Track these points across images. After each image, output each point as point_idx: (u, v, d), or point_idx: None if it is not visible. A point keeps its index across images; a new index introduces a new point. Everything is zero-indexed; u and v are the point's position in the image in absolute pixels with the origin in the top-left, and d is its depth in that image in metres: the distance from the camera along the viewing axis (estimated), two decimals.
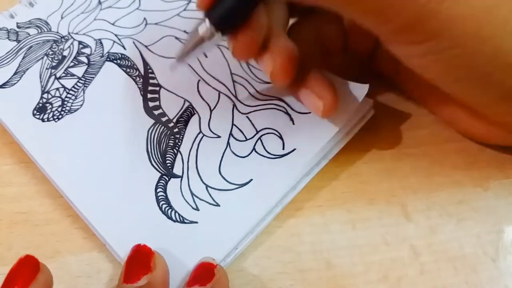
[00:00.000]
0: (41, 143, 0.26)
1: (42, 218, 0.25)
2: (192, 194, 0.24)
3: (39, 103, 0.27)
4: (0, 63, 0.28)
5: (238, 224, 0.23)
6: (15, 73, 0.28)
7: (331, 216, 0.25)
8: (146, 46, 0.29)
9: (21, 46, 0.29)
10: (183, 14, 0.31)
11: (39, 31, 0.30)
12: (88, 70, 0.28)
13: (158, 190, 0.24)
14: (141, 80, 0.28)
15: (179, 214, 0.24)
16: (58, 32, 0.30)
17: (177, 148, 0.26)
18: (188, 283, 0.21)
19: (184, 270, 0.22)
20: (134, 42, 0.30)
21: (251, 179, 0.24)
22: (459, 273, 0.23)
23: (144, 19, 0.31)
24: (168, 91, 0.28)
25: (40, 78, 0.28)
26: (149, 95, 0.27)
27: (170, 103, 0.27)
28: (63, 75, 0.28)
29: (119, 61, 0.29)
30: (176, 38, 0.30)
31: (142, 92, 0.28)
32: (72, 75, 0.28)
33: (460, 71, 0.20)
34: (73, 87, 0.28)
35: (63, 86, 0.28)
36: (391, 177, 0.26)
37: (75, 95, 0.27)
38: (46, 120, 0.26)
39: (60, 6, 0.31)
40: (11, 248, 0.24)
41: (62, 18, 0.30)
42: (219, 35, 0.21)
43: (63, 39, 0.30)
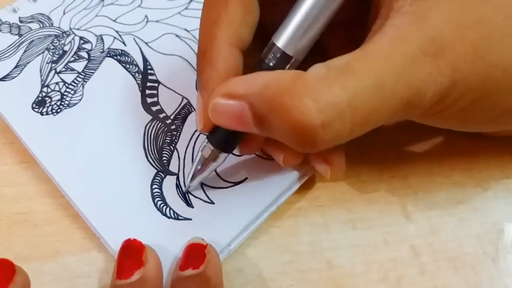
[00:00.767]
0: (39, 136, 0.26)
1: (42, 218, 0.25)
2: (187, 191, 0.24)
3: (38, 96, 0.27)
4: (2, 56, 0.29)
5: (231, 221, 0.23)
6: (16, 66, 0.28)
7: (331, 216, 0.25)
8: (147, 43, 0.30)
9: (22, 40, 0.29)
10: (184, 12, 0.31)
11: (41, 25, 0.30)
12: (88, 65, 0.28)
13: (154, 187, 0.24)
14: (140, 76, 0.28)
15: (173, 211, 0.24)
16: (59, 27, 0.30)
17: (173, 145, 0.26)
18: (181, 267, 0.21)
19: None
20: (134, 39, 0.30)
21: (246, 178, 0.25)
22: (459, 273, 0.23)
23: (145, 16, 0.31)
24: (167, 87, 0.28)
25: (40, 72, 0.28)
26: (147, 91, 0.28)
27: (168, 100, 0.27)
28: (63, 69, 0.28)
29: (119, 57, 0.29)
30: (177, 36, 0.30)
31: (140, 88, 0.28)
32: (72, 69, 0.28)
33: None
34: (72, 81, 0.28)
35: (63, 81, 0.28)
36: (391, 177, 0.26)
37: (75, 89, 0.27)
38: (45, 113, 0.27)
39: (63, 1, 0.31)
40: (11, 248, 0.24)
41: (64, 14, 0.31)
42: (222, 156, 0.22)
43: (64, 34, 0.30)
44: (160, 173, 0.25)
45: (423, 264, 0.23)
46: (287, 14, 0.20)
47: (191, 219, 0.24)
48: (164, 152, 0.25)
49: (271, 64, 0.20)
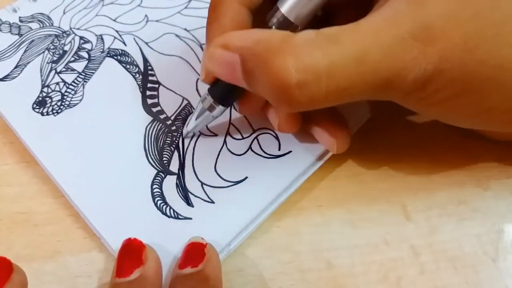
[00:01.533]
0: (39, 136, 0.26)
1: (42, 218, 0.25)
2: (187, 191, 0.24)
3: (39, 96, 0.27)
4: (2, 56, 0.29)
5: (231, 221, 0.23)
6: (16, 66, 0.28)
7: (331, 216, 0.25)
8: (147, 43, 0.30)
9: (23, 40, 0.29)
10: (184, 12, 0.31)
11: (41, 25, 0.30)
12: (88, 65, 0.28)
13: (154, 187, 0.24)
14: (140, 77, 0.28)
15: (174, 210, 0.24)
16: (60, 27, 0.30)
17: (174, 145, 0.26)
18: (180, 265, 0.21)
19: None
20: (134, 39, 0.30)
21: (246, 177, 0.25)
22: (459, 273, 0.23)
23: (145, 16, 0.31)
24: (167, 88, 0.28)
25: (40, 72, 0.28)
26: (148, 92, 0.28)
27: (168, 101, 0.27)
28: (64, 69, 0.28)
29: (119, 57, 0.29)
30: (177, 36, 0.30)
31: (141, 89, 0.28)
32: (73, 70, 0.28)
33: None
34: (73, 81, 0.28)
35: (63, 81, 0.28)
36: (391, 177, 0.26)
37: (75, 89, 0.27)
38: (45, 114, 0.27)
39: (63, 1, 0.31)
40: (11, 248, 0.24)
41: (64, 13, 0.31)
42: (220, 108, 0.23)
43: (64, 34, 0.30)
44: (160, 173, 0.25)
45: (423, 264, 0.24)
46: None
47: (191, 219, 0.24)
48: (164, 152, 0.25)
49: (273, 28, 0.21)
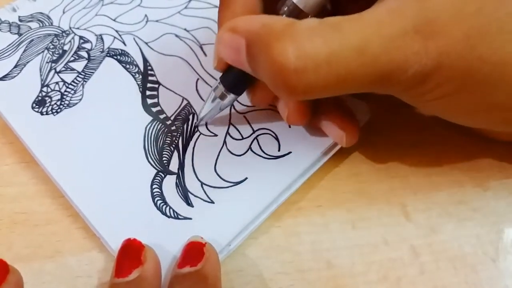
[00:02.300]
0: (39, 136, 0.26)
1: (42, 218, 0.25)
2: (187, 191, 0.24)
3: (38, 96, 0.27)
4: (1, 56, 0.29)
5: (231, 221, 0.23)
6: (16, 66, 0.28)
7: (331, 216, 0.25)
8: (146, 43, 0.30)
9: (22, 39, 0.29)
10: (184, 12, 0.31)
11: (41, 25, 0.30)
12: (88, 65, 0.28)
13: (154, 187, 0.24)
14: (140, 77, 0.28)
15: (173, 210, 0.24)
16: (59, 27, 0.30)
17: (174, 145, 0.26)
18: (179, 265, 0.21)
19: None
20: (134, 39, 0.30)
21: (246, 178, 0.25)
22: (459, 273, 0.23)
23: (145, 16, 0.31)
24: (167, 88, 0.28)
25: (40, 71, 0.28)
26: (147, 92, 0.28)
27: (168, 101, 0.27)
28: (63, 69, 0.28)
29: (119, 57, 0.29)
30: (176, 36, 0.30)
31: (141, 89, 0.28)
32: (72, 69, 0.28)
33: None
34: (72, 81, 0.28)
35: (63, 80, 0.28)
36: (391, 177, 0.26)
37: (74, 89, 0.27)
38: (45, 113, 0.27)
39: (62, 1, 0.31)
40: (11, 248, 0.24)
41: (63, 13, 0.31)
42: (230, 97, 0.24)
43: (64, 34, 0.30)
44: (160, 173, 0.25)
45: (423, 264, 0.23)
46: None
47: (191, 219, 0.24)
48: (164, 152, 0.25)
49: (283, 16, 0.21)
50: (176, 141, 0.26)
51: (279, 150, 0.25)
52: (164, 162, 0.25)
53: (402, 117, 0.28)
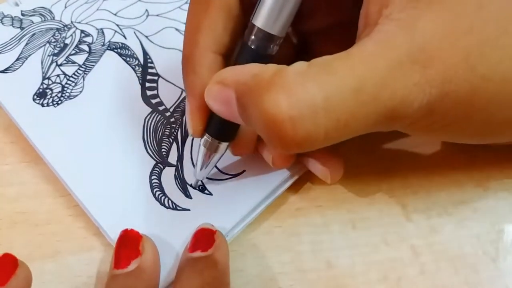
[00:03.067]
0: (39, 127, 0.26)
1: (43, 218, 0.25)
2: (186, 182, 0.25)
3: (39, 88, 0.27)
4: (3, 49, 0.29)
5: (229, 212, 0.24)
6: (18, 59, 0.29)
7: (331, 216, 0.25)
8: (147, 37, 0.30)
9: (24, 33, 0.30)
10: (184, 7, 0.32)
11: (43, 19, 0.30)
12: (89, 58, 0.29)
13: (153, 178, 0.25)
14: (140, 69, 0.29)
15: (172, 201, 0.24)
16: (61, 21, 0.30)
17: (173, 137, 0.26)
18: (190, 249, 0.21)
19: (175, 255, 0.23)
20: (135, 32, 0.30)
21: (244, 170, 0.25)
22: (459, 273, 0.23)
23: (146, 10, 0.31)
24: (167, 81, 0.28)
25: (41, 64, 0.28)
26: (147, 84, 0.28)
27: (168, 93, 0.28)
28: (64, 62, 0.29)
29: (119, 50, 0.29)
30: (177, 30, 0.30)
31: (140, 81, 0.28)
32: (73, 62, 0.29)
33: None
34: (73, 74, 0.28)
35: (64, 73, 0.28)
36: (391, 177, 0.26)
37: (75, 81, 0.28)
38: (45, 105, 0.27)
39: None
40: (11, 248, 0.24)
41: (65, 7, 0.31)
42: (223, 145, 0.22)
43: (65, 28, 0.30)
44: (159, 164, 0.25)
45: (423, 264, 0.23)
46: None
47: (189, 210, 0.24)
48: (163, 144, 0.26)
49: (253, 47, 0.20)
50: (175, 132, 0.26)
51: None
52: (163, 153, 0.25)
53: None
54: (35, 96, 0.27)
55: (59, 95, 0.27)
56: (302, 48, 0.25)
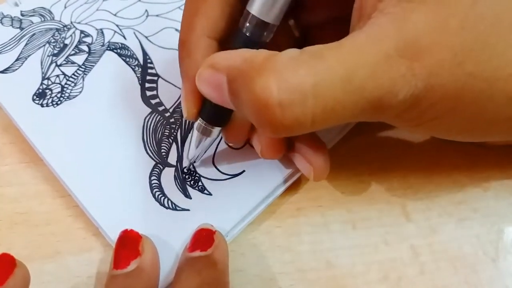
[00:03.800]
0: (39, 127, 0.26)
1: (42, 218, 0.25)
2: (186, 183, 0.25)
3: (39, 88, 0.27)
4: (3, 49, 0.29)
5: (228, 212, 0.24)
6: (17, 59, 0.28)
7: (331, 216, 0.25)
8: (146, 37, 0.30)
9: (24, 33, 0.30)
10: None
11: (42, 19, 0.30)
12: (89, 58, 0.29)
13: (152, 178, 0.25)
14: (139, 70, 0.28)
15: (171, 202, 0.24)
16: (61, 21, 0.30)
17: (172, 137, 0.26)
18: (189, 249, 0.22)
19: (175, 255, 0.23)
20: (134, 33, 0.30)
21: (244, 170, 0.25)
22: (459, 273, 0.23)
23: (146, 10, 0.31)
24: (166, 81, 0.28)
25: (41, 64, 0.28)
26: (147, 84, 0.28)
27: (167, 93, 0.28)
28: (64, 62, 0.29)
29: (119, 50, 0.29)
30: (176, 30, 0.30)
31: (140, 81, 0.28)
32: (73, 62, 0.29)
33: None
34: (73, 74, 0.28)
35: (63, 73, 0.28)
36: (391, 177, 0.26)
37: (75, 82, 0.28)
38: (45, 105, 0.27)
39: None
40: (11, 248, 0.24)
41: (65, 8, 0.31)
42: (216, 130, 0.23)
43: (65, 28, 0.30)
44: (158, 165, 0.25)
45: (423, 264, 0.24)
46: None
47: (189, 210, 0.24)
48: (162, 144, 0.26)
49: (248, 34, 0.20)
50: (174, 133, 0.26)
51: None
52: (163, 154, 0.25)
53: None
54: (35, 97, 0.27)
55: (59, 95, 0.27)
56: (304, 42, 0.25)
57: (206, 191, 0.24)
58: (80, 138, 0.26)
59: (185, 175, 0.25)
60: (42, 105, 0.27)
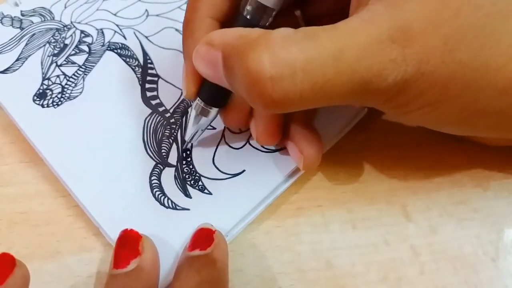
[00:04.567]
0: (40, 128, 0.26)
1: (42, 218, 0.25)
2: (186, 183, 0.25)
3: (39, 89, 0.27)
4: (3, 49, 0.29)
5: (229, 212, 0.24)
6: (17, 59, 0.28)
7: (331, 216, 0.25)
8: (147, 37, 0.30)
9: (24, 33, 0.30)
10: (184, 6, 0.31)
11: (43, 19, 0.30)
12: (89, 58, 0.29)
13: (152, 178, 0.25)
14: (140, 70, 0.28)
15: (171, 201, 0.24)
16: (61, 21, 0.30)
17: (172, 138, 0.26)
18: (189, 248, 0.22)
19: (175, 254, 0.23)
20: (134, 33, 0.30)
21: (244, 170, 0.25)
22: (459, 273, 0.23)
23: (146, 10, 0.31)
24: (166, 81, 0.28)
25: (41, 65, 0.28)
26: (147, 85, 0.28)
27: (167, 94, 0.28)
28: (64, 62, 0.29)
29: (119, 50, 0.29)
30: (176, 30, 0.30)
31: (140, 82, 0.28)
32: (73, 63, 0.29)
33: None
34: (73, 74, 0.28)
35: (64, 74, 0.28)
36: (391, 177, 0.26)
37: (75, 82, 0.28)
38: (45, 106, 0.27)
39: None
40: (11, 248, 0.24)
41: (65, 8, 0.31)
42: (213, 111, 0.23)
43: (65, 28, 0.30)
44: (159, 165, 0.25)
45: (423, 264, 0.23)
46: None
47: (189, 209, 0.24)
48: (163, 145, 0.26)
49: (248, 17, 0.20)
50: (175, 133, 0.26)
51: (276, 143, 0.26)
52: (163, 154, 0.25)
53: None
54: (35, 97, 0.27)
55: (59, 95, 0.27)
56: None
57: (206, 191, 0.24)
58: (80, 138, 0.26)
59: (185, 174, 0.25)
60: (42, 105, 0.27)
